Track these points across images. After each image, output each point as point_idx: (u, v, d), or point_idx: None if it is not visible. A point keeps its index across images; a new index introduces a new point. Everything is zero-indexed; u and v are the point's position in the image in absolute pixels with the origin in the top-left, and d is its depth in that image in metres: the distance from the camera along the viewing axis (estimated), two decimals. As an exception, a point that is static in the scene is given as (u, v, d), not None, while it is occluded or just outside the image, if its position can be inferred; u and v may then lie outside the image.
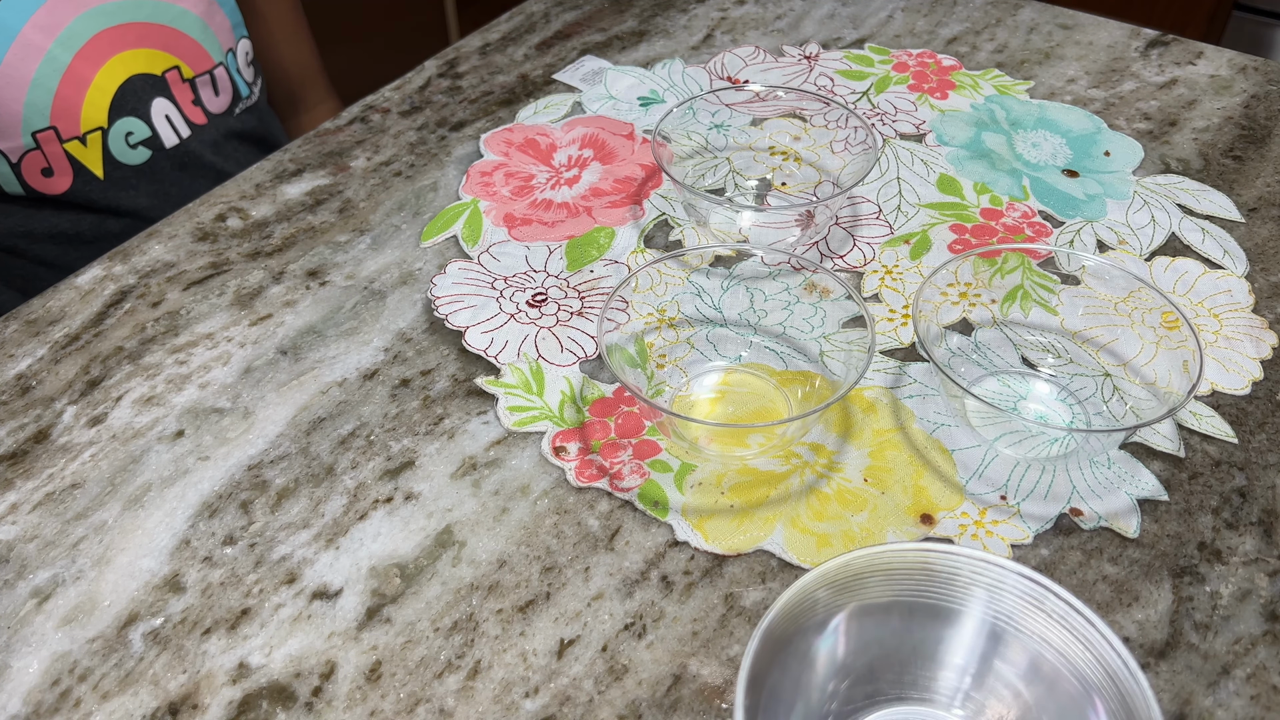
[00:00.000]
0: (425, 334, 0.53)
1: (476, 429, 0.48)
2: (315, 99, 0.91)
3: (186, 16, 0.73)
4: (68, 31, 0.67)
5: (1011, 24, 0.79)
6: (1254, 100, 0.70)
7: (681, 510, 0.45)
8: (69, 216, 0.73)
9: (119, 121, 0.71)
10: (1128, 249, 0.58)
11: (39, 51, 0.67)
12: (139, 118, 0.72)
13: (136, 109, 0.72)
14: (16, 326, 0.55)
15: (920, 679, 0.35)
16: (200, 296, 0.56)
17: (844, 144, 0.61)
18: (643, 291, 0.51)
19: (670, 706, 0.38)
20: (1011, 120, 0.68)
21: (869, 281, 0.56)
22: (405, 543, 0.44)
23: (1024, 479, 0.46)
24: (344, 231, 0.61)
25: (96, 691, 0.39)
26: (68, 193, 0.71)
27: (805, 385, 0.49)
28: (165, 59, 0.73)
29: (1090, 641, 0.32)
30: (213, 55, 0.76)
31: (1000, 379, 0.50)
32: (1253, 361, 0.51)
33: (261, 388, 0.51)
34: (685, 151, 0.63)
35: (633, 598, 0.42)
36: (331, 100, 0.93)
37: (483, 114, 0.70)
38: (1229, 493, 0.45)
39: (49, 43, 0.67)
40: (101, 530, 0.45)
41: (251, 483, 0.47)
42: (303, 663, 0.40)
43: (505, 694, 0.39)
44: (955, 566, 0.34)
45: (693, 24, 0.80)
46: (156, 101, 0.73)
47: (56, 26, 0.67)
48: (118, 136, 0.71)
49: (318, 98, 0.91)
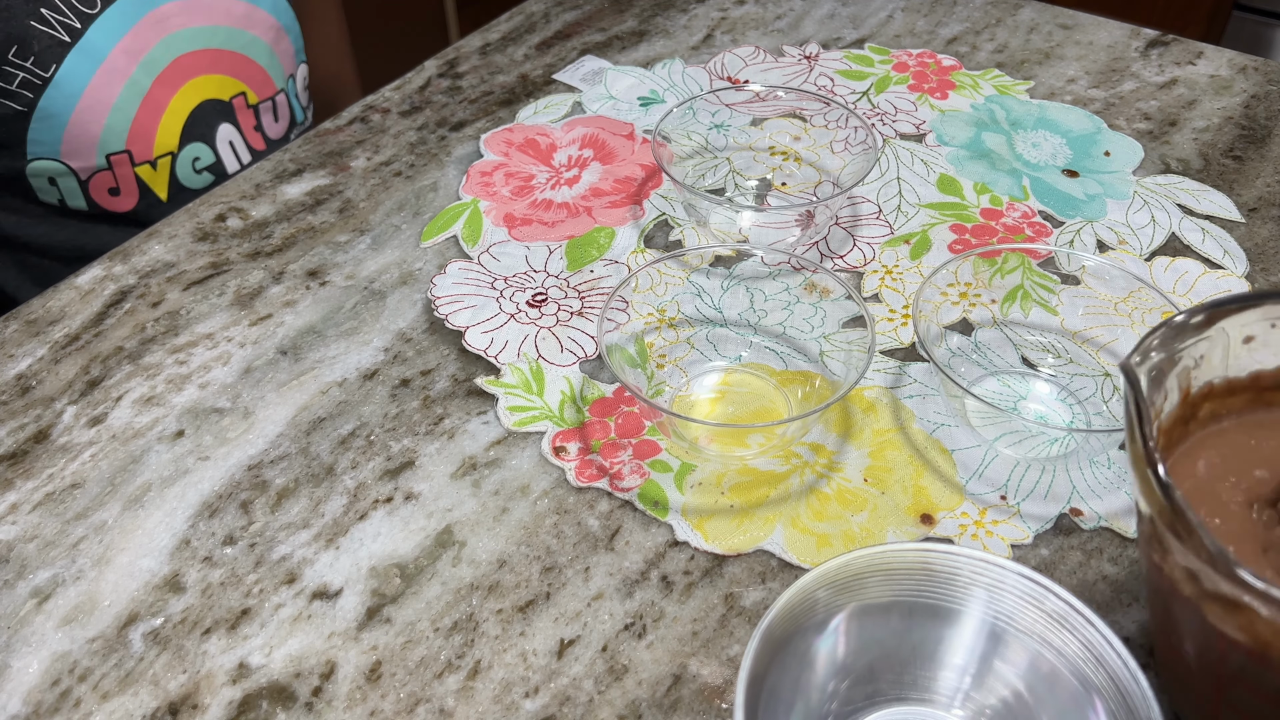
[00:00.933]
0: (425, 334, 0.53)
1: (476, 429, 0.48)
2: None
3: (257, 44, 0.74)
4: (150, 55, 0.68)
5: (1011, 24, 0.79)
6: (1254, 100, 0.70)
7: (681, 510, 0.45)
8: (124, 232, 0.74)
9: (188, 147, 0.72)
10: (1128, 249, 0.58)
11: (123, 75, 0.67)
12: (206, 143, 0.73)
13: (205, 135, 0.73)
14: (16, 326, 0.55)
15: (920, 679, 0.35)
16: (200, 296, 0.56)
17: (844, 144, 0.61)
18: (643, 291, 0.51)
19: (670, 706, 0.38)
20: (1011, 120, 0.68)
21: (869, 281, 0.56)
22: (405, 543, 0.44)
23: (1024, 479, 0.46)
24: (344, 231, 0.61)
25: (96, 691, 0.39)
26: (130, 211, 0.72)
27: (805, 385, 0.49)
28: (234, 85, 0.74)
29: (1090, 641, 0.32)
30: (276, 81, 0.77)
31: (1000, 379, 0.50)
32: (1253, 361, 0.51)
33: (261, 388, 0.51)
34: (685, 151, 0.63)
35: (633, 598, 0.42)
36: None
37: (483, 114, 0.70)
38: (1229, 493, 0.45)
39: (133, 67, 0.67)
40: (101, 530, 0.45)
41: (251, 483, 0.47)
42: (303, 663, 0.40)
43: (505, 694, 0.39)
44: (955, 566, 0.34)
45: (693, 24, 0.80)
46: (223, 127, 0.73)
47: (141, 50, 0.67)
48: (185, 162, 0.72)
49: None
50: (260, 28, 0.73)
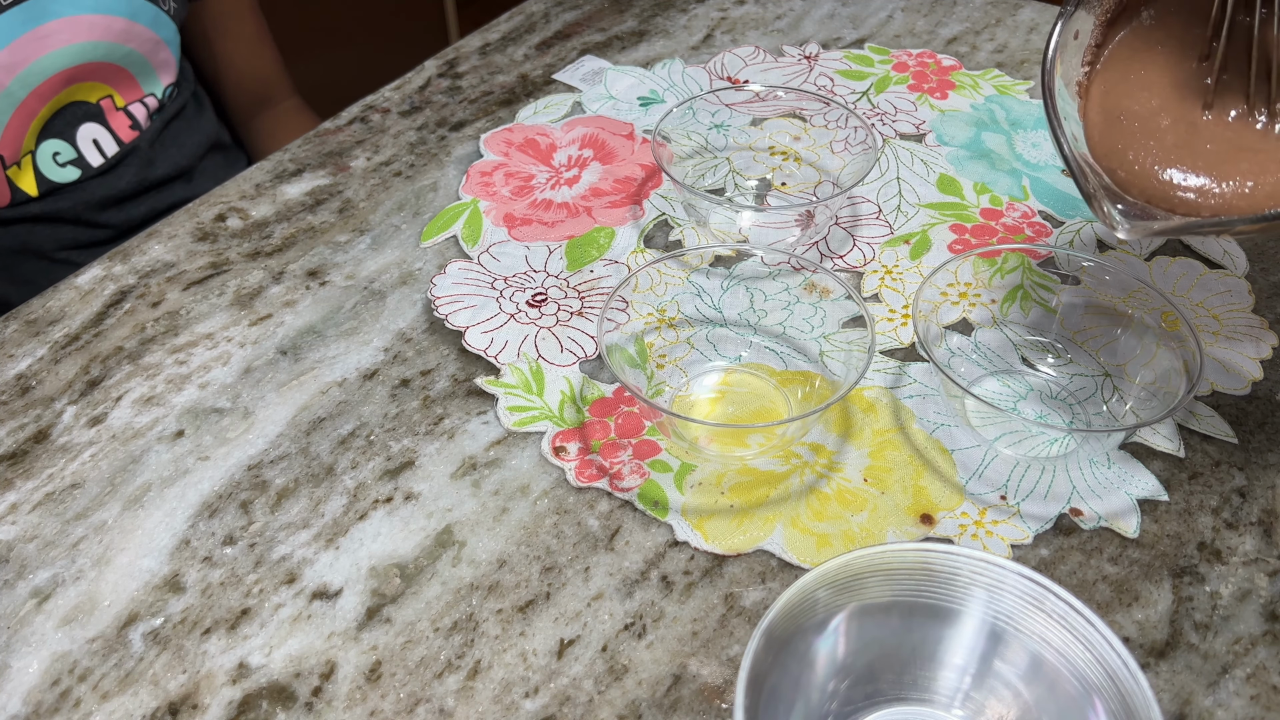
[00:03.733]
0: (425, 334, 0.53)
1: (476, 429, 0.48)
2: (279, 98, 0.92)
3: (132, 56, 0.76)
4: (28, 70, 0.69)
5: (1011, 24, 0.79)
6: (1254, 100, 0.70)
7: (681, 510, 0.45)
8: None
9: (45, 143, 0.73)
10: (1128, 249, 0.58)
11: None
12: (64, 140, 0.74)
13: (63, 132, 0.74)
14: (16, 326, 0.55)
15: (920, 679, 0.35)
16: (200, 296, 0.56)
17: (844, 144, 0.61)
18: (643, 291, 0.51)
19: (670, 706, 0.38)
20: (1011, 120, 0.68)
21: (869, 281, 0.56)
22: (405, 543, 0.44)
23: (1024, 479, 0.46)
24: (344, 231, 0.61)
25: (96, 691, 0.39)
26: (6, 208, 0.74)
27: (805, 385, 0.49)
28: (102, 89, 0.75)
29: (1090, 641, 0.32)
30: (146, 88, 0.78)
31: (1000, 379, 0.50)
32: (1253, 362, 0.51)
33: (261, 388, 0.51)
34: (685, 151, 0.63)
35: (633, 598, 0.42)
36: (294, 98, 0.93)
37: (483, 114, 0.70)
38: (1229, 493, 0.45)
39: (9, 80, 0.69)
40: (101, 530, 0.45)
41: (251, 483, 0.47)
42: (303, 663, 0.40)
43: (505, 694, 0.39)
44: (955, 566, 0.34)
45: (693, 24, 0.80)
46: (85, 126, 0.75)
47: (18, 65, 0.69)
48: (45, 156, 0.74)
49: (282, 96, 0.92)
50: (136, 40, 0.74)
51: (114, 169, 0.77)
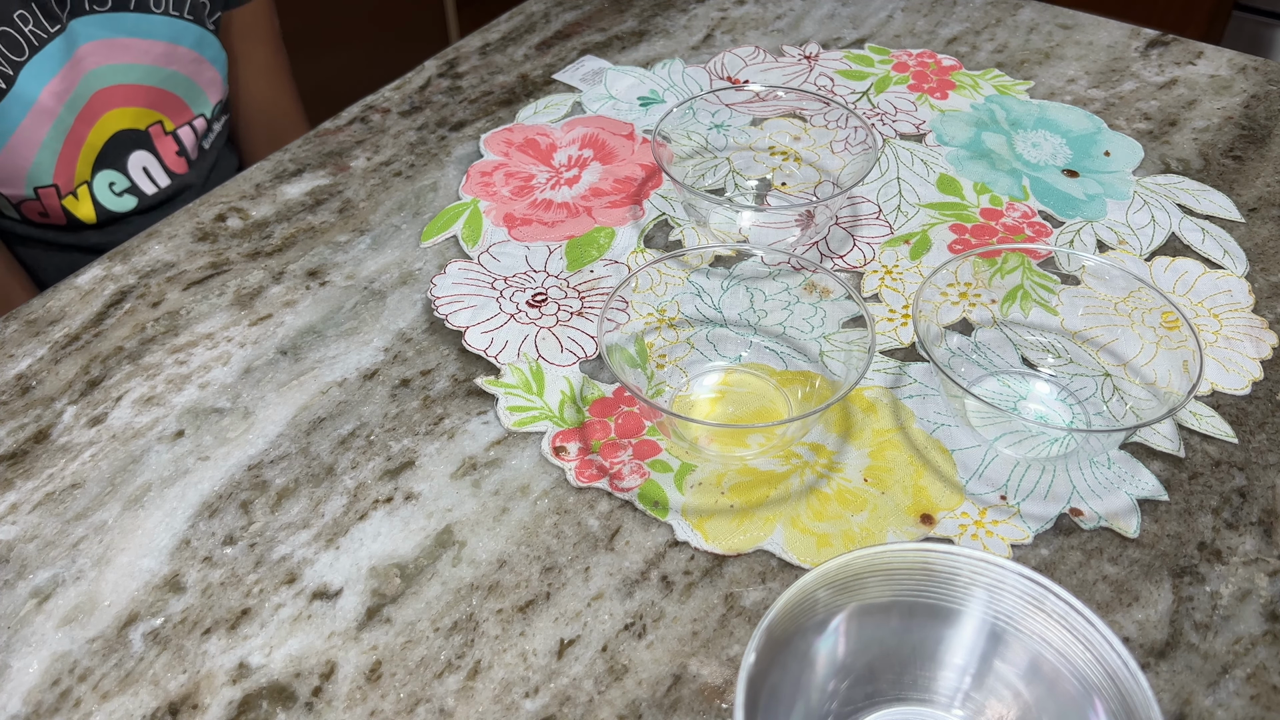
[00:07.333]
0: (425, 334, 0.53)
1: (476, 429, 0.48)
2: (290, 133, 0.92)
3: (175, 78, 0.77)
4: (74, 95, 0.71)
5: (1011, 24, 0.79)
6: (1254, 100, 0.70)
7: (681, 510, 0.45)
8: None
9: (101, 173, 0.74)
10: (1128, 249, 0.58)
11: (51, 116, 0.70)
12: (118, 170, 0.75)
13: (115, 162, 0.75)
14: (16, 326, 0.55)
15: (920, 679, 0.35)
16: (200, 296, 0.56)
17: (844, 144, 0.61)
18: (643, 291, 0.51)
19: (670, 706, 0.38)
20: (1011, 120, 0.68)
21: (869, 281, 0.56)
22: (405, 543, 0.44)
23: (1024, 479, 0.46)
24: (344, 231, 0.61)
25: (96, 691, 0.39)
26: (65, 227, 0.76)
27: (805, 385, 0.49)
28: (150, 115, 0.76)
29: (1090, 641, 0.32)
30: (195, 108, 0.78)
31: (1000, 379, 0.50)
32: (1253, 361, 0.51)
33: (261, 388, 0.51)
34: (685, 151, 0.63)
35: (633, 598, 0.42)
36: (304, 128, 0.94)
37: (483, 114, 0.70)
38: (1229, 493, 0.45)
39: (59, 107, 0.70)
40: (101, 530, 0.45)
41: (251, 483, 0.47)
42: (303, 663, 0.40)
43: (505, 694, 0.39)
44: (955, 566, 0.34)
45: (693, 24, 0.80)
46: (135, 154, 0.76)
47: (66, 91, 0.70)
48: (102, 186, 0.75)
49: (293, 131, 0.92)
50: (179, 63, 0.75)
51: (171, 200, 0.78)
